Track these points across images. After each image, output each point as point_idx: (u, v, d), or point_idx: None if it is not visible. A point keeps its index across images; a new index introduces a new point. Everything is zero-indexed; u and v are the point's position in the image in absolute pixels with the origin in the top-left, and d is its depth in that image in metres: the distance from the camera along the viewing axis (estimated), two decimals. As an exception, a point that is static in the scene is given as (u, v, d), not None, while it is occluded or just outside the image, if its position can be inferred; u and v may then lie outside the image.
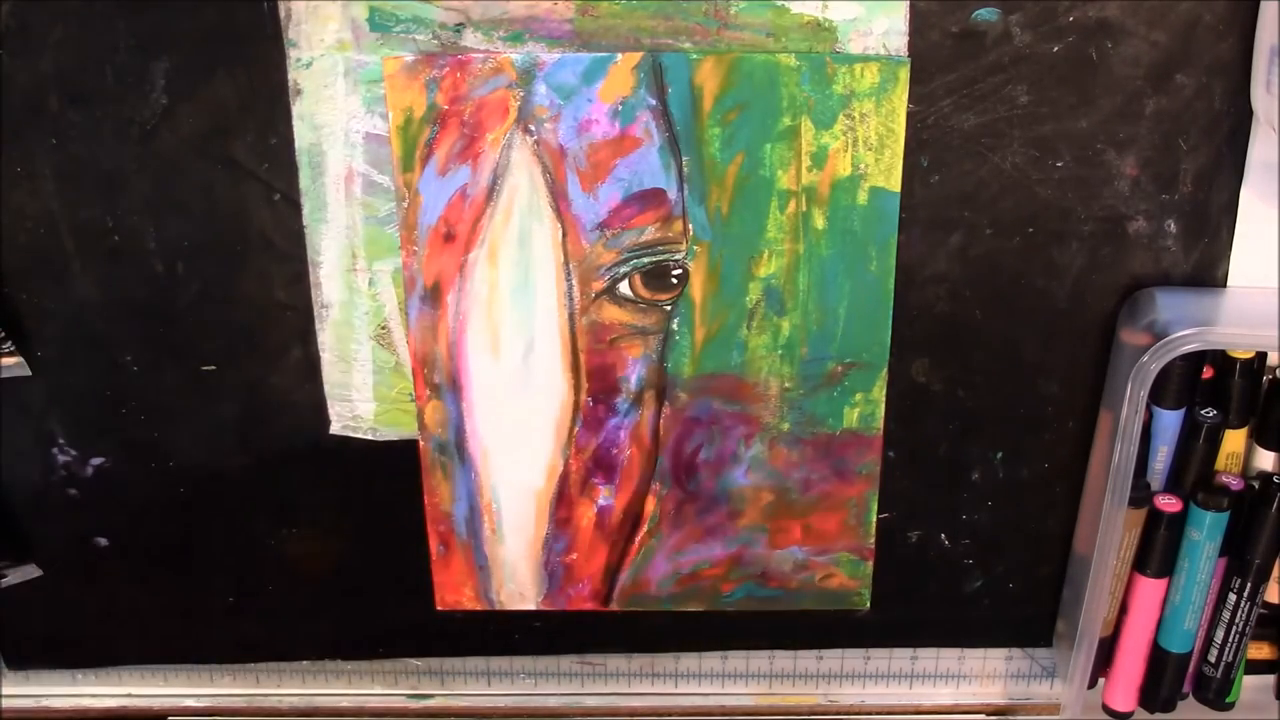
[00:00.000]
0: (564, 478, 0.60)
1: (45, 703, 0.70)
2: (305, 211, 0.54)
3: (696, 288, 0.55)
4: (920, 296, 0.55)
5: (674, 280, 0.55)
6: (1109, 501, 0.55)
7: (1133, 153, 0.52)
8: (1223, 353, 0.56)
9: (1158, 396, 0.55)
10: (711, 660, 0.68)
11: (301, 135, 0.53)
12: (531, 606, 0.63)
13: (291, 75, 0.51)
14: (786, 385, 0.57)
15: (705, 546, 0.61)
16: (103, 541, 0.63)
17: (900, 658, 0.66)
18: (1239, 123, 0.51)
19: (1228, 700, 0.62)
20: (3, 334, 0.57)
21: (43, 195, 0.54)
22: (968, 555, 0.62)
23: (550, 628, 0.65)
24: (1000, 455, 0.59)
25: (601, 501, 0.60)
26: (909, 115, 0.51)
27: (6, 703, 0.69)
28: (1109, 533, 0.55)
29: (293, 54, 0.51)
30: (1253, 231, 0.53)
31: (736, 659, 0.67)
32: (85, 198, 0.54)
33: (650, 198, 0.53)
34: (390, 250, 0.55)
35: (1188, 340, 0.51)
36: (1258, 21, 0.49)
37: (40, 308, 0.57)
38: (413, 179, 0.53)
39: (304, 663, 0.69)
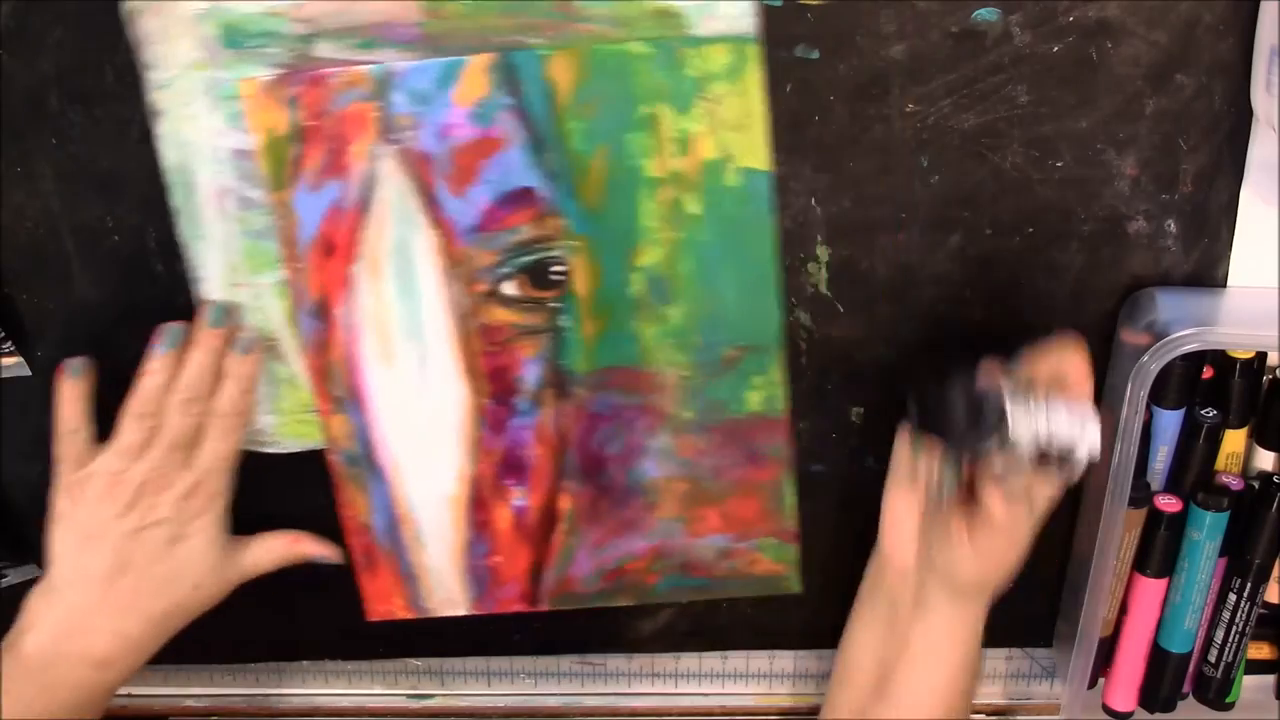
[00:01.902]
0: (476, 482, 0.60)
1: (45, 703, 0.69)
2: (182, 229, 0.54)
3: (580, 283, 0.55)
4: (920, 296, 0.55)
5: (556, 277, 0.55)
6: (1109, 501, 0.55)
7: (1133, 153, 0.52)
8: (1223, 353, 0.56)
9: (1158, 396, 0.55)
10: (711, 660, 0.68)
11: (168, 155, 0.53)
12: (463, 612, 0.64)
13: (152, 96, 0.51)
14: (684, 373, 0.57)
15: (626, 541, 0.61)
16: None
17: (900, 658, 0.66)
18: (1239, 123, 0.51)
19: (1228, 700, 0.62)
20: (3, 334, 0.57)
21: (43, 195, 0.54)
22: (968, 555, 0.61)
23: (550, 628, 0.65)
24: (1000, 455, 0.59)
25: (516, 503, 0.60)
26: (909, 115, 0.51)
27: (6, 703, 0.69)
28: (1109, 533, 0.55)
29: (151, 75, 0.51)
30: (1253, 231, 0.53)
31: (736, 659, 0.67)
32: (85, 198, 0.54)
33: (521, 197, 0.53)
34: (270, 263, 0.55)
35: (1188, 340, 0.51)
36: (1258, 21, 0.49)
37: (40, 308, 0.57)
38: (285, 196, 0.53)
39: (304, 663, 0.69)
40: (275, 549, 0.59)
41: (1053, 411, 0.47)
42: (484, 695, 0.69)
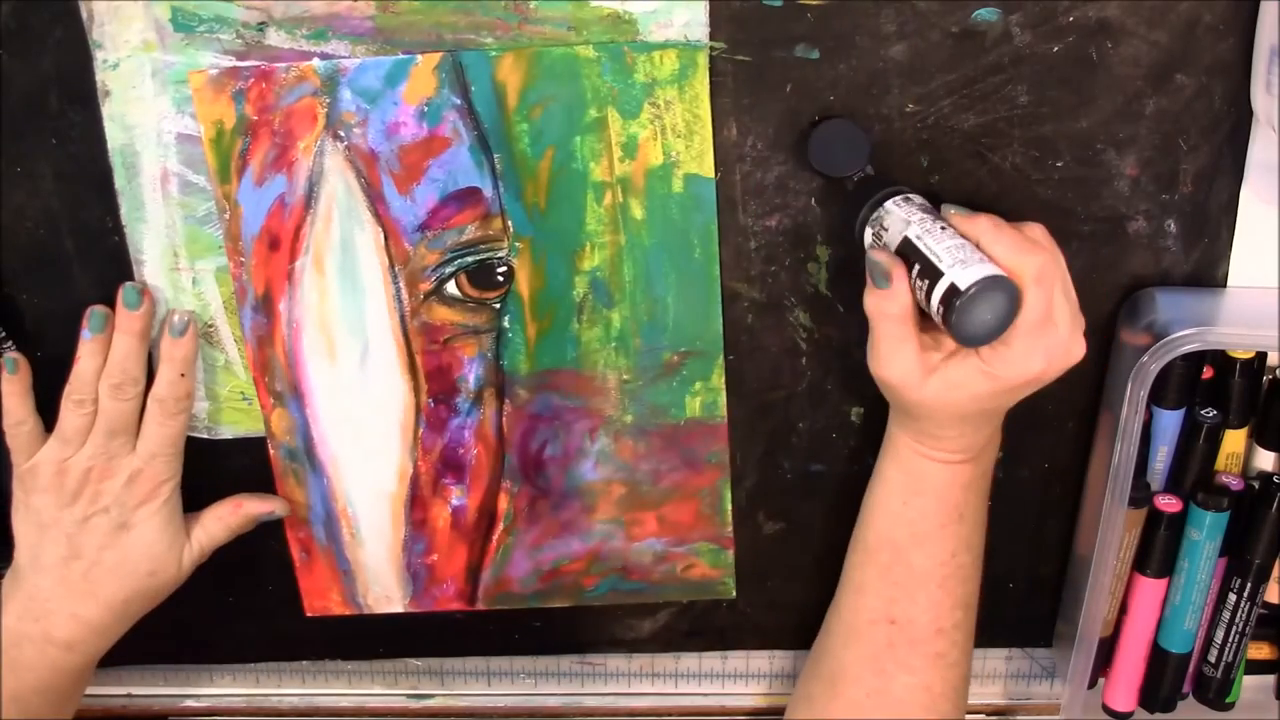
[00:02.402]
0: (415, 480, 0.60)
1: (45, 703, 0.70)
2: (123, 211, 0.54)
3: (523, 284, 0.55)
4: (920, 296, 0.55)
5: (500, 278, 0.55)
6: (1109, 501, 0.55)
7: (1133, 153, 0.52)
8: (1223, 353, 0.56)
9: (1158, 397, 0.55)
10: (711, 660, 0.68)
11: (114, 136, 0.53)
12: (399, 609, 0.64)
13: (99, 77, 0.51)
14: (625, 377, 0.57)
15: (563, 542, 0.61)
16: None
17: (900, 658, 0.66)
18: (1239, 123, 0.51)
19: (1227, 700, 0.62)
20: (3, 334, 0.57)
21: (43, 195, 0.54)
22: (968, 555, 0.61)
23: (550, 627, 0.65)
24: (1000, 455, 0.59)
25: (455, 502, 0.60)
26: (909, 115, 0.51)
27: (6, 703, 0.69)
28: (1109, 533, 0.55)
29: (99, 55, 0.51)
30: (1253, 231, 0.53)
31: (736, 659, 0.67)
32: (85, 198, 0.54)
33: (466, 197, 0.53)
34: (211, 249, 0.55)
35: (1188, 340, 0.51)
36: (1258, 21, 0.49)
37: (40, 308, 0.57)
38: (231, 190, 0.53)
39: (304, 663, 0.69)
40: (224, 518, 0.59)
41: (943, 236, 0.47)
42: (484, 695, 0.69)
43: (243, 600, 0.65)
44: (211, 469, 0.60)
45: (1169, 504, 0.57)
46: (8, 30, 0.51)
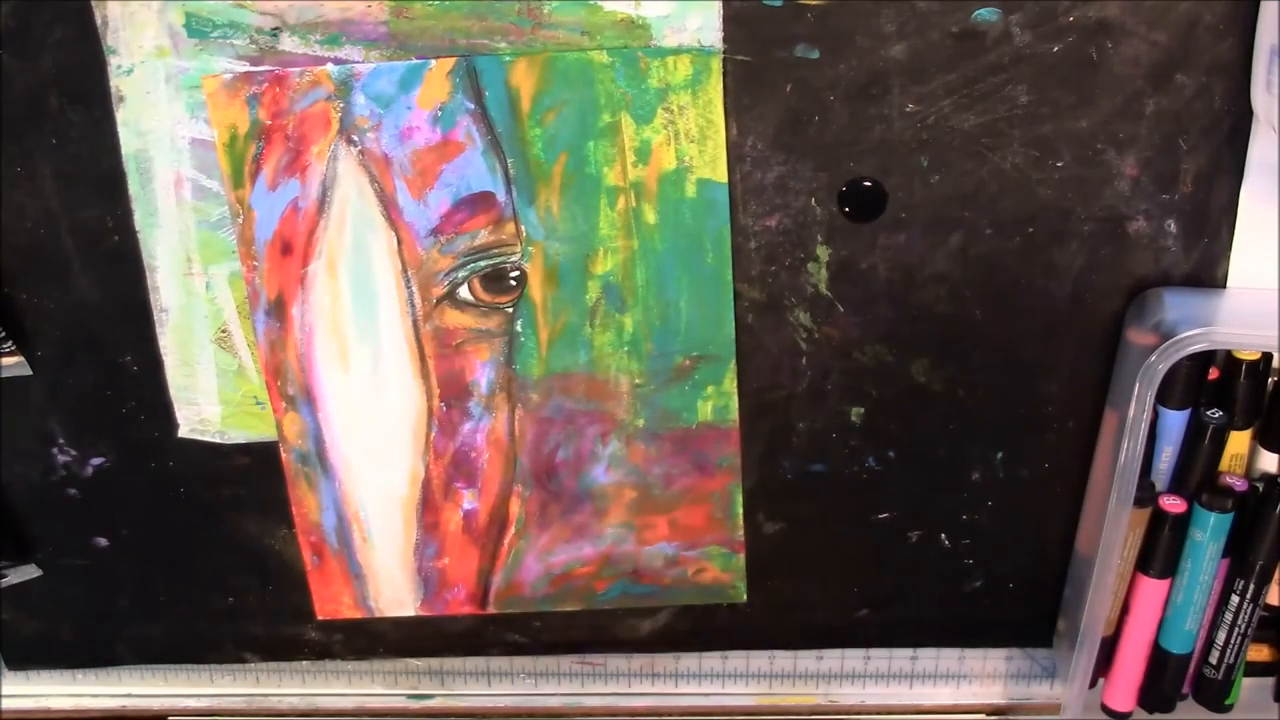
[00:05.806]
0: (426, 484, 0.60)
1: (45, 703, 0.70)
2: (137, 216, 0.54)
3: (535, 289, 0.55)
4: (920, 296, 0.55)
5: (512, 282, 0.55)
6: (1114, 501, 0.55)
7: (1133, 153, 0.52)
8: (1229, 354, 0.55)
9: (1163, 396, 0.55)
10: (711, 660, 0.68)
11: (127, 142, 0.53)
12: (410, 612, 0.64)
13: (113, 82, 0.52)
14: (637, 381, 0.57)
15: (574, 546, 0.61)
16: (103, 541, 0.63)
17: (900, 658, 0.66)
18: (1239, 123, 0.51)
19: (1226, 702, 0.62)
20: (3, 334, 0.57)
21: (43, 195, 0.54)
22: (968, 555, 0.61)
23: (550, 628, 0.65)
24: (1000, 455, 0.59)
25: (466, 505, 0.60)
26: (909, 115, 0.51)
27: (6, 703, 0.69)
28: (1113, 533, 0.55)
29: (113, 61, 0.51)
30: (1253, 231, 0.53)
31: (736, 659, 0.67)
32: (85, 198, 0.54)
33: (479, 201, 0.53)
34: (225, 254, 0.55)
35: (1195, 340, 0.51)
36: (1258, 21, 0.49)
37: (40, 308, 0.57)
38: (244, 194, 0.53)
39: (304, 663, 0.69)
40: None
41: None
42: (484, 695, 0.69)
43: (242, 600, 0.65)
44: (223, 474, 0.60)
45: (1174, 504, 0.57)
46: (7, 30, 0.51)
